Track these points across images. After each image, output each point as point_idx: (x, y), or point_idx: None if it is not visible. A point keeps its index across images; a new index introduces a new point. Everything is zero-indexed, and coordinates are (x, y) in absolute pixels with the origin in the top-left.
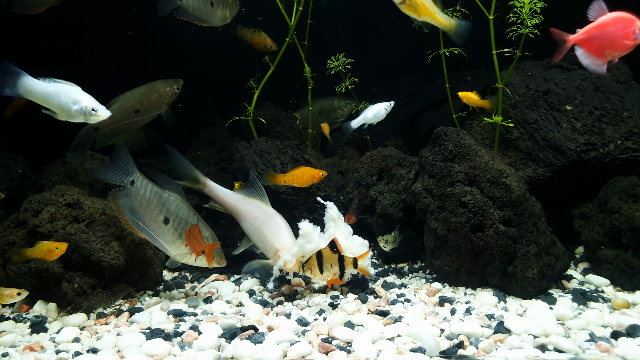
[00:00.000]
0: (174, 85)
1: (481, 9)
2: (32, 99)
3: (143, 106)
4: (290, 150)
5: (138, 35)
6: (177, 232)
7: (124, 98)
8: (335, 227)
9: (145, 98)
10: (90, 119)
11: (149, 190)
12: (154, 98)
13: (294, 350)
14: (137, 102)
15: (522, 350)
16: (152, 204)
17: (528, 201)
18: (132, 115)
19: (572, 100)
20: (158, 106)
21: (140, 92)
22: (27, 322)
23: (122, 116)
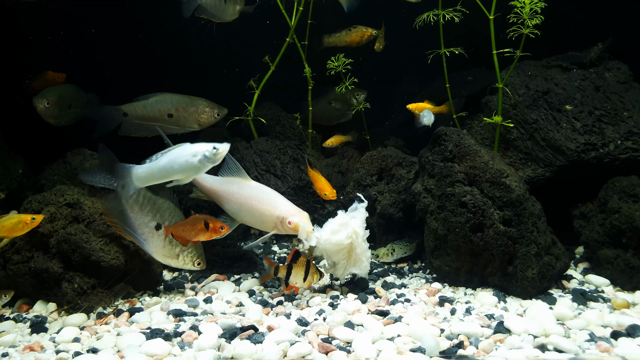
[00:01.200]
0: (215, 109)
1: (482, 8)
2: (153, 182)
3: (178, 113)
4: (290, 150)
5: (138, 35)
6: (167, 239)
7: (162, 97)
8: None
9: (182, 106)
10: (217, 159)
11: (142, 196)
12: (190, 111)
13: (294, 350)
14: (174, 106)
15: (522, 350)
16: (145, 210)
17: (528, 201)
18: (165, 118)
19: (572, 100)
20: (192, 121)
21: (180, 99)
22: (27, 322)
23: (154, 113)
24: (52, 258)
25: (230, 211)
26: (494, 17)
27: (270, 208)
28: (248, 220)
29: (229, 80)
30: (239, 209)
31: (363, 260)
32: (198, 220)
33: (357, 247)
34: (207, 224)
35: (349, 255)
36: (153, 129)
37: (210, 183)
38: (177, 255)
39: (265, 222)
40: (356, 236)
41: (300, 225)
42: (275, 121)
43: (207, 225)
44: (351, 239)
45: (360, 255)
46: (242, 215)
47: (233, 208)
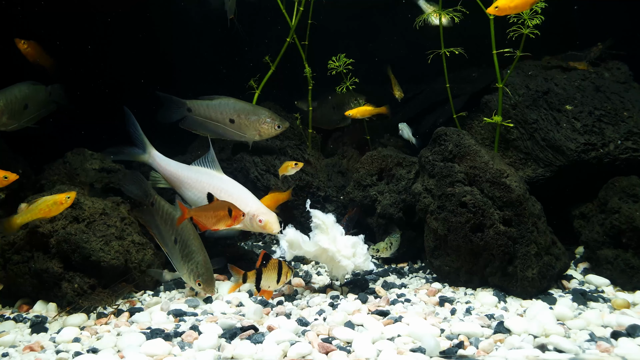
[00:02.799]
0: (276, 121)
1: (482, 8)
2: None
3: (239, 120)
4: (290, 150)
5: (138, 35)
6: (181, 253)
7: (226, 100)
8: (320, 233)
9: (244, 113)
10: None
11: (164, 211)
12: (252, 119)
13: (294, 350)
14: (236, 112)
15: (522, 350)
16: (168, 225)
17: (528, 201)
18: (226, 122)
19: (572, 100)
20: (252, 130)
21: (243, 105)
22: (27, 322)
23: (216, 115)
24: (52, 258)
25: (191, 199)
26: (493, 17)
27: (241, 203)
28: None
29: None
30: (203, 199)
31: (340, 259)
32: (221, 207)
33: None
34: (230, 211)
35: (331, 258)
36: (213, 130)
37: (174, 168)
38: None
39: None
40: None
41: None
42: None
43: (231, 213)
44: (316, 247)
45: (335, 256)
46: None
47: (196, 197)
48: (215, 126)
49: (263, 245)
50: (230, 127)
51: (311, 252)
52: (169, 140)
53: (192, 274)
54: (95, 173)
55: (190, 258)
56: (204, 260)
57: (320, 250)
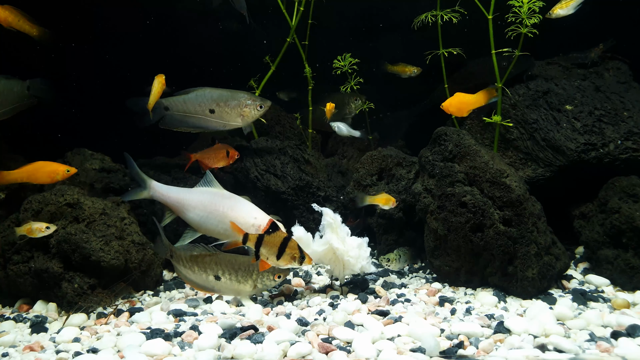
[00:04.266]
0: (257, 101)
1: (480, 8)
2: None
3: (219, 108)
4: (290, 150)
5: (138, 34)
6: (232, 281)
7: (202, 91)
8: (331, 232)
9: (222, 100)
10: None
11: (185, 260)
12: (231, 105)
13: (294, 350)
14: (214, 101)
15: (522, 350)
16: (196, 271)
17: (528, 201)
18: (206, 113)
19: (572, 100)
20: (235, 116)
21: (220, 93)
22: (27, 322)
23: (195, 108)
24: (52, 258)
25: (194, 220)
26: (492, 17)
27: (246, 216)
28: (215, 228)
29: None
30: (206, 216)
31: (348, 259)
32: (220, 149)
33: (335, 251)
34: (228, 152)
35: (337, 258)
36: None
37: (175, 193)
38: (254, 285)
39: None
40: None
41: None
42: (275, 121)
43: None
44: (326, 246)
45: (343, 257)
46: (210, 223)
47: (199, 216)
48: (196, 120)
49: None
50: (212, 118)
51: (319, 252)
52: (169, 142)
53: (265, 279)
54: (95, 173)
55: (250, 272)
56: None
57: (328, 249)
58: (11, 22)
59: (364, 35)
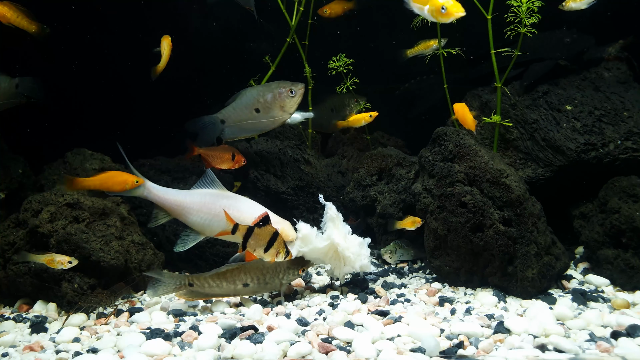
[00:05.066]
0: (286, 87)
1: (480, 8)
2: None
3: (261, 105)
4: (290, 150)
5: (138, 35)
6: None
7: (243, 94)
8: (334, 228)
9: (261, 96)
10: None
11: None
12: (269, 98)
13: (294, 350)
14: (255, 99)
15: (522, 350)
16: (224, 287)
17: (528, 201)
18: (254, 115)
19: (572, 100)
20: (276, 110)
21: (258, 89)
22: (27, 322)
23: (244, 112)
24: None
25: (197, 223)
26: (491, 17)
27: (251, 215)
28: (220, 230)
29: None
30: (210, 219)
31: (349, 256)
32: (227, 151)
33: (337, 246)
34: (234, 155)
35: (337, 256)
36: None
37: (174, 195)
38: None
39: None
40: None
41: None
42: None
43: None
44: (328, 241)
45: (344, 253)
46: (214, 225)
47: (203, 219)
48: (251, 125)
49: None
50: (260, 118)
51: (320, 248)
52: (171, 144)
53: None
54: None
55: (277, 272)
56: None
57: (329, 246)
58: (9, 18)
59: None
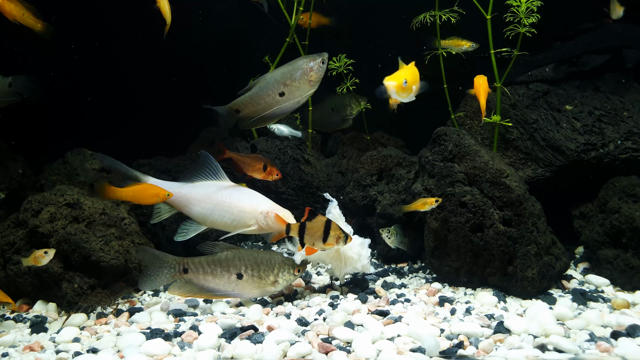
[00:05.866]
0: (317, 59)
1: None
2: None
3: (288, 87)
4: (290, 150)
5: (138, 34)
6: (254, 277)
7: (263, 80)
8: None
9: (288, 78)
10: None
11: (206, 265)
12: (298, 77)
13: (294, 350)
14: (279, 83)
15: (522, 350)
16: (218, 274)
17: (528, 201)
18: (277, 99)
19: (572, 100)
20: (304, 86)
21: (282, 72)
22: (27, 322)
23: (265, 100)
24: (52, 258)
25: (200, 214)
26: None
27: (252, 204)
28: (220, 220)
29: (229, 80)
30: (212, 209)
31: (352, 256)
32: (259, 160)
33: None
34: (265, 166)
35: (338, 256)
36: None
37: (177, 188)
38: (275, 280)
39: (244, 218)
40: None
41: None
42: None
43: (265, 168)
44: None
45: (346, 253)
46: (215, 216)
47: (205, 210)
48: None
49: (263, 245)
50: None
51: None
52: (169, 141)
53: (286, 274)
54: (95, 173)
55: (272, 266)
56: (281, 256)
57: (326, 250)
58: (15, 15)
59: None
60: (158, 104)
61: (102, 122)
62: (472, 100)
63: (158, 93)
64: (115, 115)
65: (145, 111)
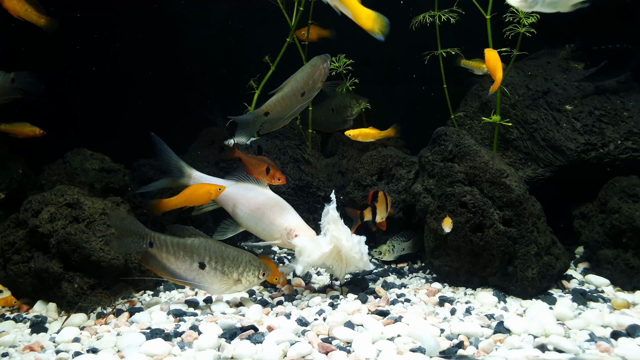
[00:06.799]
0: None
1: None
2: None
3: (308, 87)
4: (290, 150)
5: (139, 34)
6: (217, 270)
7: (293, 80)
8: (336, 229)
9: (310, 78)
10: None
11: (170, 246)
12: (316, 77)
13: (294, 350)
14: (305, 83)
15: (522, 350)
16: (180, 257)
17: (528, 201)
18: (299, 99)
19: (572, 100)
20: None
21: (305, 72)
22: (27, 322)
23: (292, 100)
24: (52, 258)
25: (238, 216)
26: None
27: (281, 219)
28: (254, 227)
29: (229, 80)
30: (248, 214)
31: (354, 256)
32: (262, 163)
33: (341, 248)
34: (268, 169)
35: (339, 257)
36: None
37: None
38: (238, 279)
39: (273, 231)
40: (336, 240)
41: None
42: None
43: (268, 171)
44: (333, 244)
45: (349, 253)
46: (250, 221)
47: (243, 213)
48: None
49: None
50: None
51: (325, 253)
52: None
53: (250, 275)
54: (95, 173)
55: (237, 263)
56: (250, 256)
57: (334, 248)
58: (19, 10)
59: None
60: (158, 103)
61: (102, 122)
62: (472, 100)
63: (158, 93)
64: (115, 115)
65: (145, 111)
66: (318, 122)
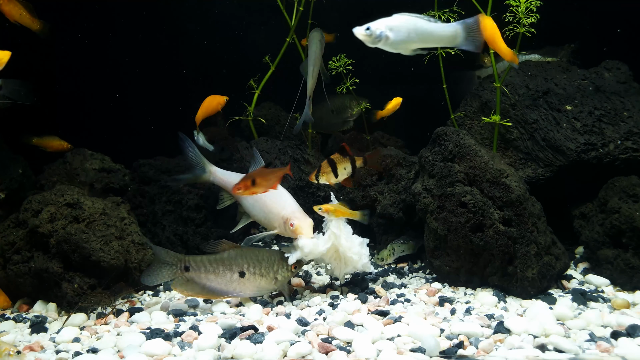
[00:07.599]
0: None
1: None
2: None
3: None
4: (290, 150)
5: (138, 35)
6: (255, 275)
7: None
8: (336, 228)
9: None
10: None
11: (208, 264)
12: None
13: (293, 350)
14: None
15: (522, 350)
16: (220, 273)
17: (528, 201)
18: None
19: (572, 100)
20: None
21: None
22: (27, 322)
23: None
24: (52, 258)
25: (246, 206)
26: None
27: (278, 207)
28: (258, 216)
29: (229, 80)
30: (253, 204)
31: (352, 256)
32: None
33: (339, 247)
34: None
35: (338, 255)
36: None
37: (235, 179)
38: (275, 278)
39: (272, 220)
40: (335, 237)
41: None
42: (275, 121)
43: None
44: (331, 241)
45: (346, 253)
46: (255, 211)
47: (249, 203)
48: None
49: (263, 245)
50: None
51: (322, 251)
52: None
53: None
54: (95, 173)
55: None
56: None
57: (332, 246)
58: (14, 15)
59: None
60: (158, 103)
61: (102, 122)
62: (472, 100)
63: (158, 93)
64: (115, 115)
65: (145, 111)
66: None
